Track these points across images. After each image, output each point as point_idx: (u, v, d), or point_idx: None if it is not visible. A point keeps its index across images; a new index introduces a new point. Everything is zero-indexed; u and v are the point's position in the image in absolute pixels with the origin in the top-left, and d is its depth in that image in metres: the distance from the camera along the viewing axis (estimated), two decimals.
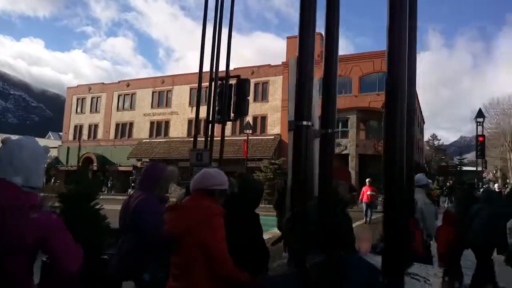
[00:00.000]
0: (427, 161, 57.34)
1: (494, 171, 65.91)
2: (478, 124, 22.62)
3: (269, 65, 34.64)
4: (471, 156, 66.72)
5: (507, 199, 5.36)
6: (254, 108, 31.34)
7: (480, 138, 22.68)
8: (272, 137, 32.44)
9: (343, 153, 30.60)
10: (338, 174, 2.96)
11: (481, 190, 14.31)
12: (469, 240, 5.92)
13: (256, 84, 32.46)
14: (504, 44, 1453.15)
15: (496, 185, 42.21)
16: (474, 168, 30.39)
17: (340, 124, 31.36)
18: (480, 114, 22.85)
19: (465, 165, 61.28)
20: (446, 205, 23.49)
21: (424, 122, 56.14)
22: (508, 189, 24.20)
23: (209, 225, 2.30)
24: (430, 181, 7.06)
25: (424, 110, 55.60)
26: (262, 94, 34.21)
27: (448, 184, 32.47)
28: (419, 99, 47.13)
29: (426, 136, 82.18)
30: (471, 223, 5.87)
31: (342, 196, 2.79)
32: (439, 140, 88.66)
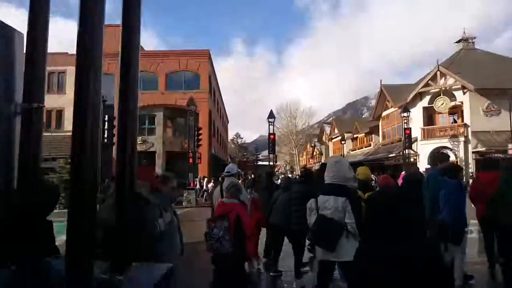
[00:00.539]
0: (231, 157, 61.93)
1: (285, 165, 76.71)
2: (270, 124, 25.39)
3: (67, 53, 30.96)
4: (266, 152, 75.32)
5: (300, 184, 6.14)
6: (48, 101, 27.38)
7: (272, 136, 25.55)
8: (70, 133, 29.10)
9: (150, 150, 30.03)
10: (143, 174, 2.71)
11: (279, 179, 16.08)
12: (270, 222, 6.47)
13: (51, 73, 28.47)
14: (292, 57, 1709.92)
15: (290, 175, 49.04)
16: (267, 163, 34.19)
17: (147, 121, 30.67)
18: (271, 115, 25.64)
19: (261, 160, 68.90)
20: (248, 196, 25.47)
21: (228, 122, 60.50)
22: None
23: None
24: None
25: (229, 111, 60.15)
26: (58, 85, 30.27)
27: (249, 177, 35.57)
28: (223, 100, 50.43)
29: (231, 135, 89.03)
30: (272, 207, 6.47)
31: (144, 196, 2.62)
32: (242, 138, 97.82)
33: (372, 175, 26.61)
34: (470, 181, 24.57)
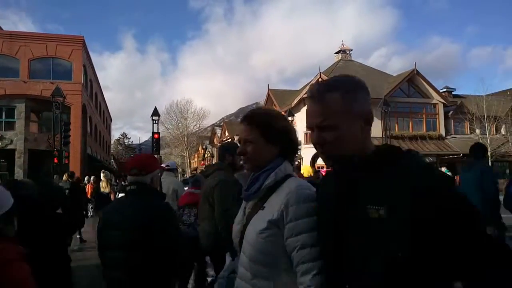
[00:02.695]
0: (115, 158, 57.46)
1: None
2: (154, 122, 23.57)
3: None
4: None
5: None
6: None
7: (156, 136, 23.67)
8: None
9: (7, 147, 25.54)
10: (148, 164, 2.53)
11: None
12: None
13: None
14: (185, 58, 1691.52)
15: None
16: None
17: (3, 113, 26.03)
18: (155, 112, 23.77)
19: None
20: None
21: (111, 120, 56.03)
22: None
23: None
24: None
25: (117, 109, 55.49)
26: None
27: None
28: (106, 97, 46.40)
29: (117, 135, 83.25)
30: None
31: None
32: (130, 139, 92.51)
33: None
34: None
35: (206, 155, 67.97)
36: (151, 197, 2.39)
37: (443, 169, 28.04)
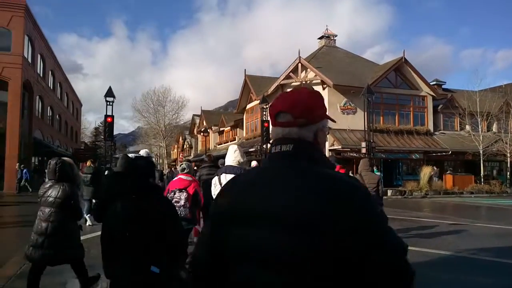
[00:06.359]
0: (88, 146, 54.05)
1: (155, 158, 70.84)
2: (108, 104, 20.60)
3: None
4: (139, 145, 69.24)
5: None
6: None
7: (109, 119, 20.62)
8: None
9: None
10: None
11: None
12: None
13: None
14: (177, 47, 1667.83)
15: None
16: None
17: None
18: (109, 93, 20.73)
19: (131, 152, 62.19)
20: None
21: (81, 105, 52.57)
22: None
23: None
24: None
25: (103, 97, 52.03)
26: None
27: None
28: (70, 83, 42.96)
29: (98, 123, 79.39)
30: None
31: None
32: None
33: None
34: None
35: (185, 146, 65.06)
36: (317, 166, 1.16)
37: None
